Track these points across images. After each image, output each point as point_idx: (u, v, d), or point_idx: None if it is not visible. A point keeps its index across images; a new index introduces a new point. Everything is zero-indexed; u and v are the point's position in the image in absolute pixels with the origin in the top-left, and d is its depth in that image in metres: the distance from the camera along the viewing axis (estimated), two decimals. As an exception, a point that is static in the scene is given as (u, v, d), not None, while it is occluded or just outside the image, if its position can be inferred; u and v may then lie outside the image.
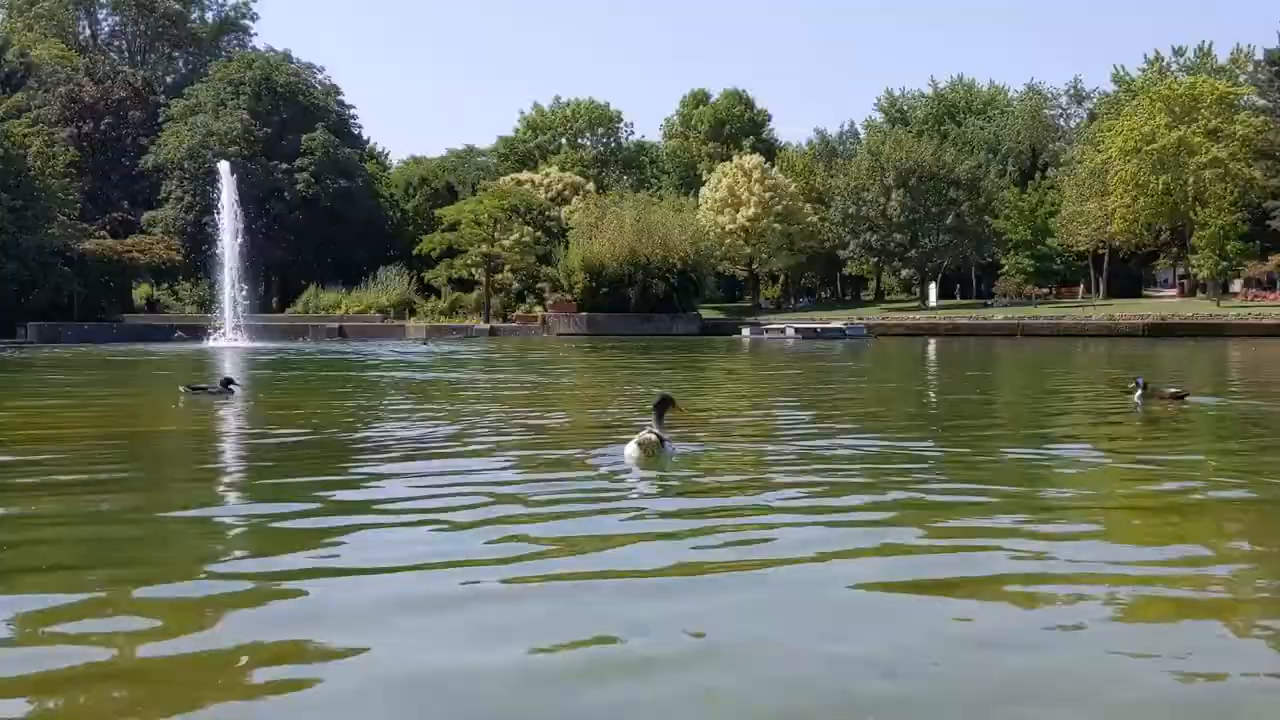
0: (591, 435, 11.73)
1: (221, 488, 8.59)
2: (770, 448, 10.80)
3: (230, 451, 11.26)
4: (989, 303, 79.95)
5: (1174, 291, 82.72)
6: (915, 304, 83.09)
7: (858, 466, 9.37)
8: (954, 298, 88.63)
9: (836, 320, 64.36)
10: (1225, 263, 67.57)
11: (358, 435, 11.98)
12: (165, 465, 10.26)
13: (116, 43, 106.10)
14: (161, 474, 9.64)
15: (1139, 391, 15.10)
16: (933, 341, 51.58)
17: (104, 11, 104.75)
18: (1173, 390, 15.34)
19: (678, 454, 9.59)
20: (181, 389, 17.67)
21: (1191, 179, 71.15)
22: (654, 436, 9.39)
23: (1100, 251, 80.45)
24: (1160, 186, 71.83)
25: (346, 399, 17.70)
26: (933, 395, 19.97)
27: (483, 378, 24.39)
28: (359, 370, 27.88)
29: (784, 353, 40.20)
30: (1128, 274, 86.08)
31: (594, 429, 12.67)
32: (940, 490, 8.10)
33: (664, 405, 9.87)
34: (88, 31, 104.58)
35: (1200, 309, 62.89)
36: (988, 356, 37.07)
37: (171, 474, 9.65)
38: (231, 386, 16.98)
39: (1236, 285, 72.63)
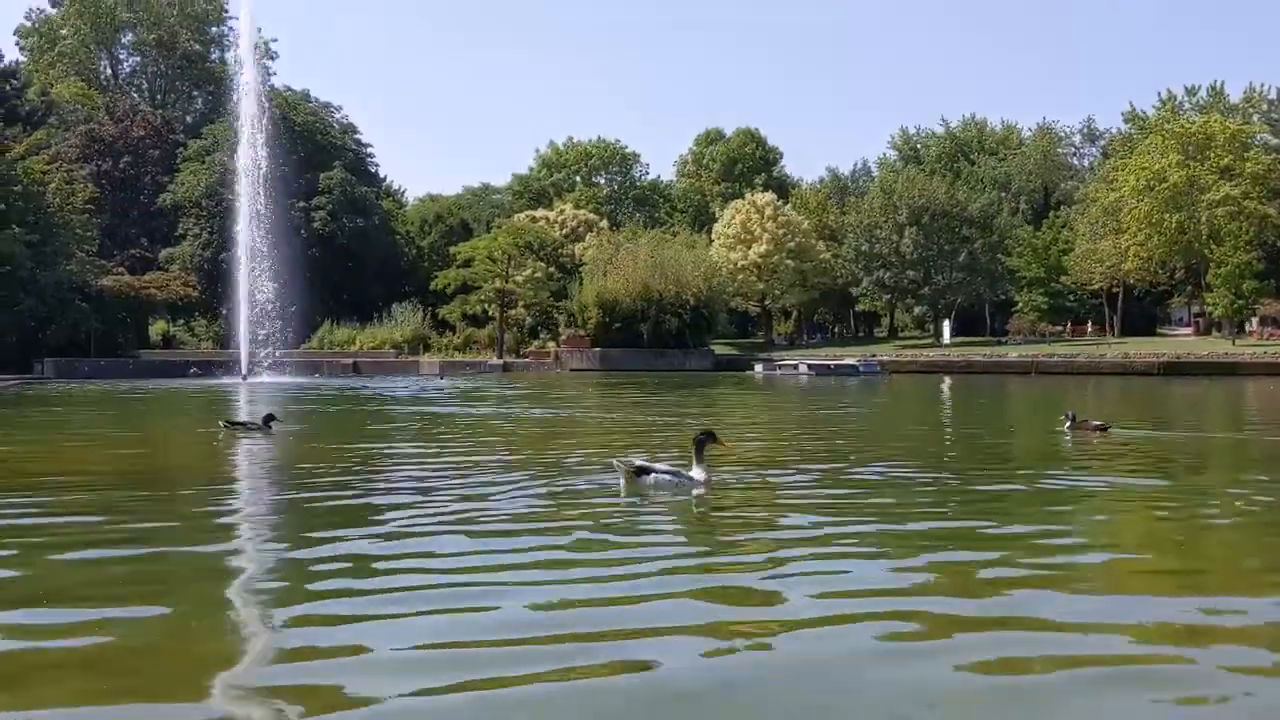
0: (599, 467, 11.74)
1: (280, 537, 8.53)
2: (764, 478, 10.79)
3: (288, 495, 11.16)
4: (1003, 340, 79.66)
5: (1189, 330, 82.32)
6: (929, 341, 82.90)
7: (867, 508, 9.34)
8: (965, 334, 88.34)
9: (850, 357, 64.26)
10: (1240, 301, 67.15)
11: (405, 474, 12.01)
12: (217, 509, 10.24)
13: (137, 82, 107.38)
14: (208, 520, 9.63)
15: (1068, 423, 16.82)
16: (947, 379, 51.40)
17: (125, 51, 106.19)
18: (1097, 423, 17.06)
19: (711, 482, 9.84)
20: (221, 424, 17.70)
21: (1205, 217, 70.97)
22: (629, 466, 9.92)
23: (1115, 289, 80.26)
24: (1174, 224, 71.69)
25: (386, 436, 17.73)
26: (954, 437, 19.88)
27: (492, 412, 24.41)
28: (386, 406, 28.05)
29: (799, 389, 40.12)
30: (1142, 312, 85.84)
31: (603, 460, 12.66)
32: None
33: (704, 441, 10.03)
34: (109, 71, 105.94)
35: (1216, 347, 62.54)
36: (1005, 394, 36.91)
37: (220, 518, 9.65)
38: (271, 424, 16.89)
39: (1252, 323, 72.24)
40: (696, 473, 9.67)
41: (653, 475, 9.72)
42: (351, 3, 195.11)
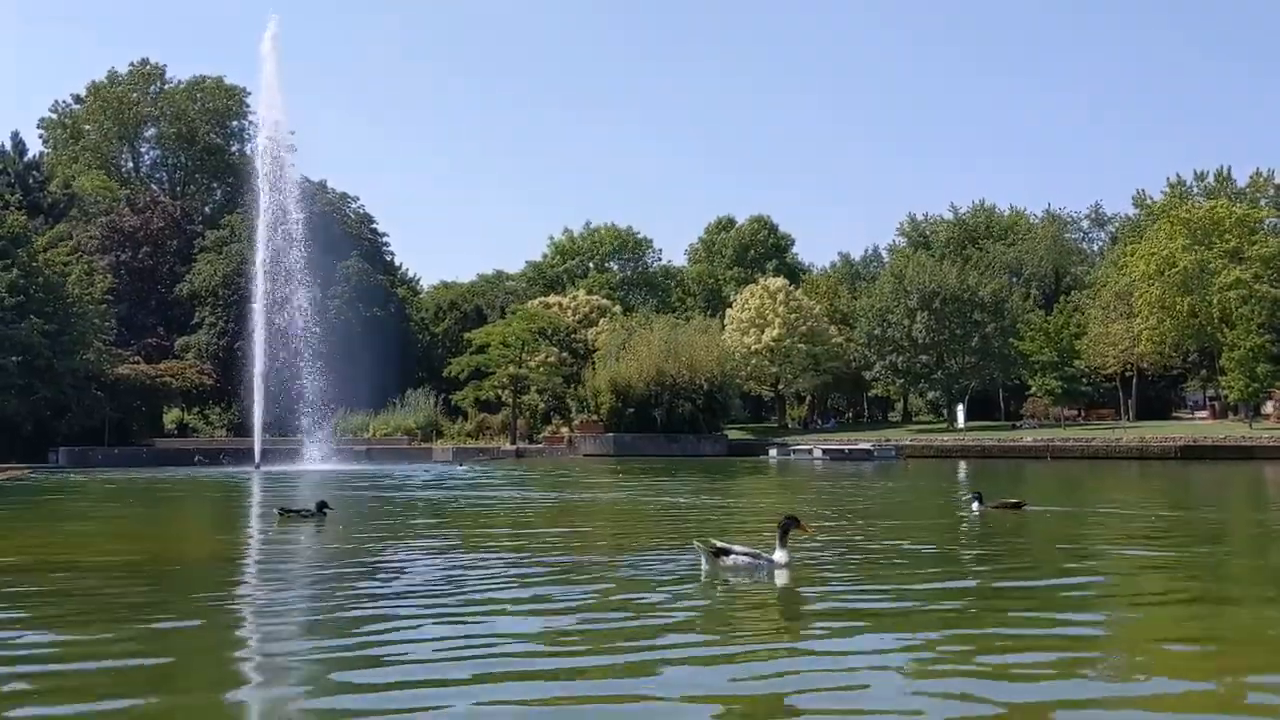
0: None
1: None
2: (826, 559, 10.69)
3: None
4: (1017, 424, 79.26)
5: (1205, 413, 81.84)
6: (943, 425, 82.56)
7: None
8: (978, 418, 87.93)
9: (864, 441, 63.96)
10: (1256, 384, 66.89)
11: (484, 564, 11.95)
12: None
13: (158, 174, 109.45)
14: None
15: (976, 503, 16.94)
16: (963, 464, 51.07)
17: (146, 145, 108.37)
18: (1011, 501, 17.62)
19: (793, 565, 10.15)
20: (276, 512, 17.76)
21: (1216, 300, 71.07)
22: (710, 547, 10.20)
23: (1128, 373, 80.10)
24: (1185, 308, 71.79)
25: (438, 527, 17.78)
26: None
27: (534, 497, 24.33)
28: (417, 493, 28.14)
29: (816, 475, 39.82)
30: (1157, 395, 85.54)
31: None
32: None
33: (789, 526, 10.44)
34: (130, 164, 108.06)
35: (1232, 431, 62.11)
36: (1022, 479, 36.59)
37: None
38: (325, 511, 16.91)
39: (1269, 406, 71.79)
40: (779, 555, 10.08)
41: (732, 557, 9.99)
42: (369, 95, 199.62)
